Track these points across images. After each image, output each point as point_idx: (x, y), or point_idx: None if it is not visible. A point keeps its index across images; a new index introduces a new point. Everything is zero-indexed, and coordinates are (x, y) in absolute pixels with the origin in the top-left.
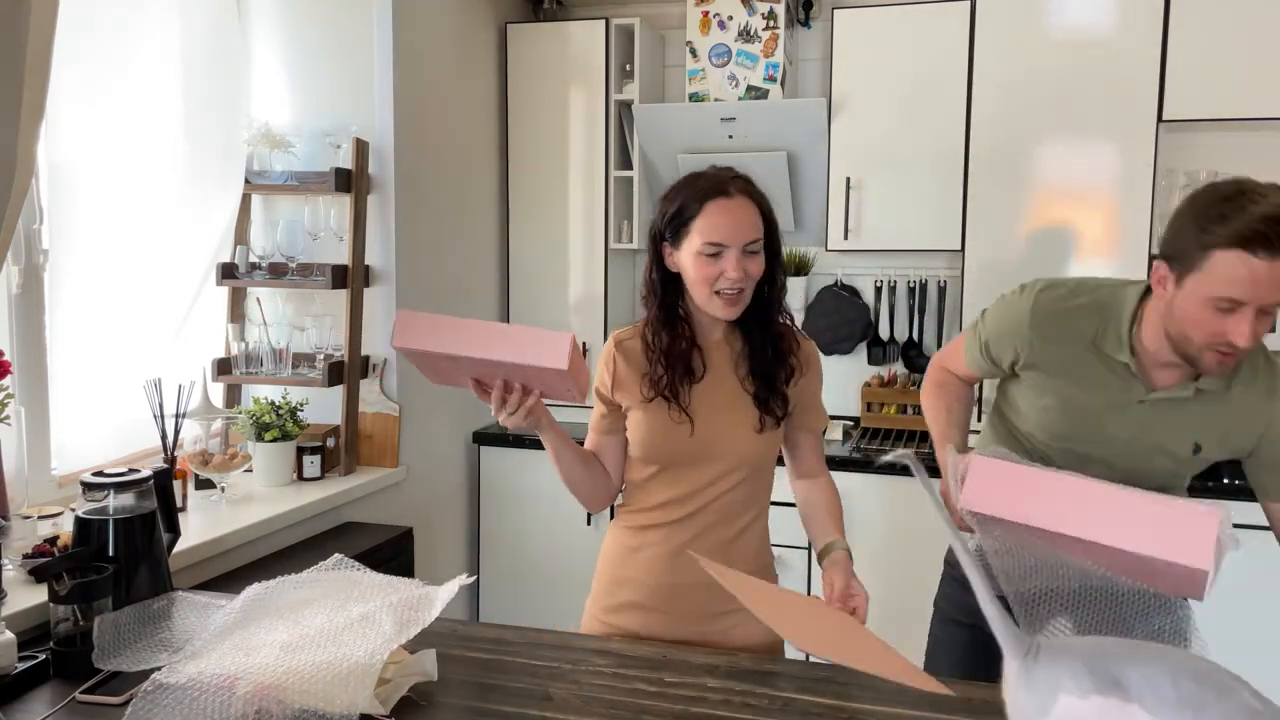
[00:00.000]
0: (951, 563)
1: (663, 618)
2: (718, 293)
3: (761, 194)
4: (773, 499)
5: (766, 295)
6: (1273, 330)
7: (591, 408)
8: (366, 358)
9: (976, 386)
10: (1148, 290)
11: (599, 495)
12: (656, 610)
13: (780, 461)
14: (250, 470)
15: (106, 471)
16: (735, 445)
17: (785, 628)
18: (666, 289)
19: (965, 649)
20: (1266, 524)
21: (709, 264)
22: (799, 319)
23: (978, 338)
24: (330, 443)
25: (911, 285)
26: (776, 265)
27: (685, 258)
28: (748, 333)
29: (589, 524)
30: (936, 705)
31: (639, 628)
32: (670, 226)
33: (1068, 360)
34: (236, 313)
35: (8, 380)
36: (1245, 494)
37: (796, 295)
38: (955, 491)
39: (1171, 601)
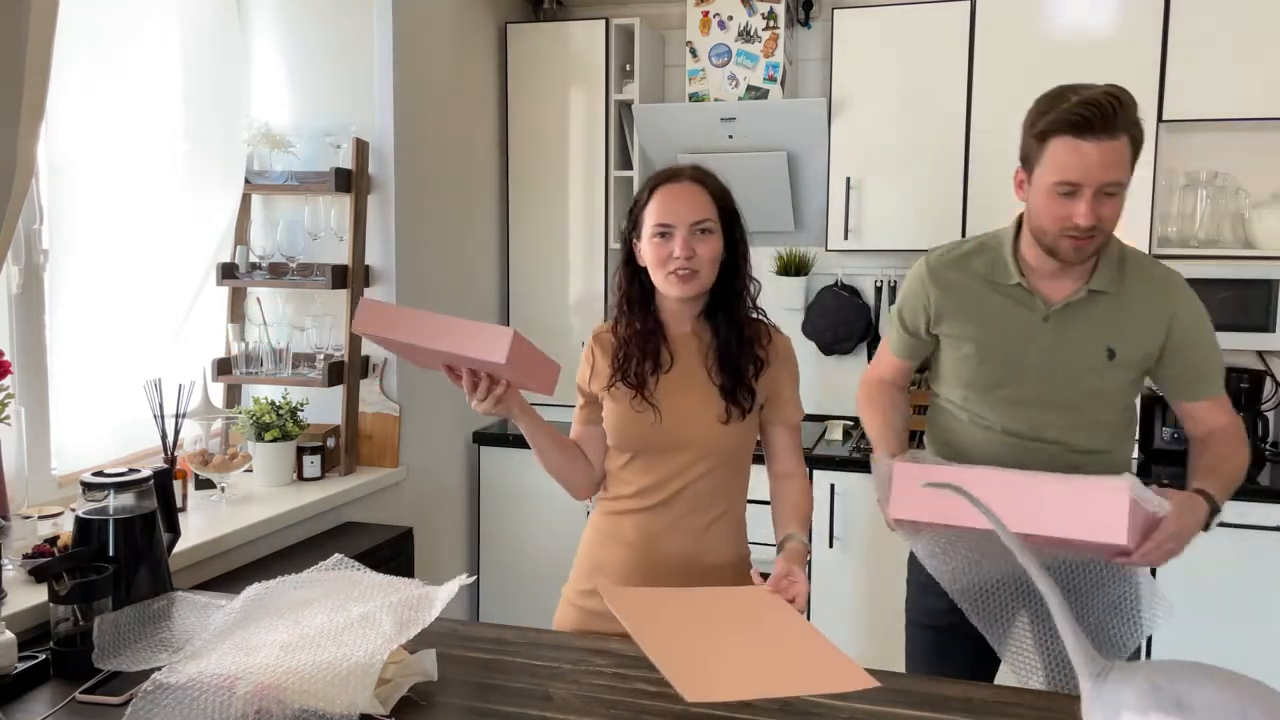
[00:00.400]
0: (912, 568)
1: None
2: (671, 272)
3: (718, 184)
4: (757, 498)
5: (731, 287)
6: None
7: (571, 404)
8: (366, 358)
9: (910, 392)
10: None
11: (580, 483)
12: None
13: (760, 459)
14: (250, 470)
15: (106, 471)
16: (701, 435)
17: (682, 677)
18: (634, 281)
19: (933, 651)
20: (1268, 525)
21: (660, 245)
22: (799, 319)
23: (894, 318)
24: (330, 443)
25: None
26: (739, 256)
27: (644, 246)
28: (715, 325)
29: None
30: (936, 705)
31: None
32: (630, 218)
33: (969, 302)
34: (236, 313)
35: (8, 380)
36: (1245, 494)
37: (796, 295)
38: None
39: (1125, 570)
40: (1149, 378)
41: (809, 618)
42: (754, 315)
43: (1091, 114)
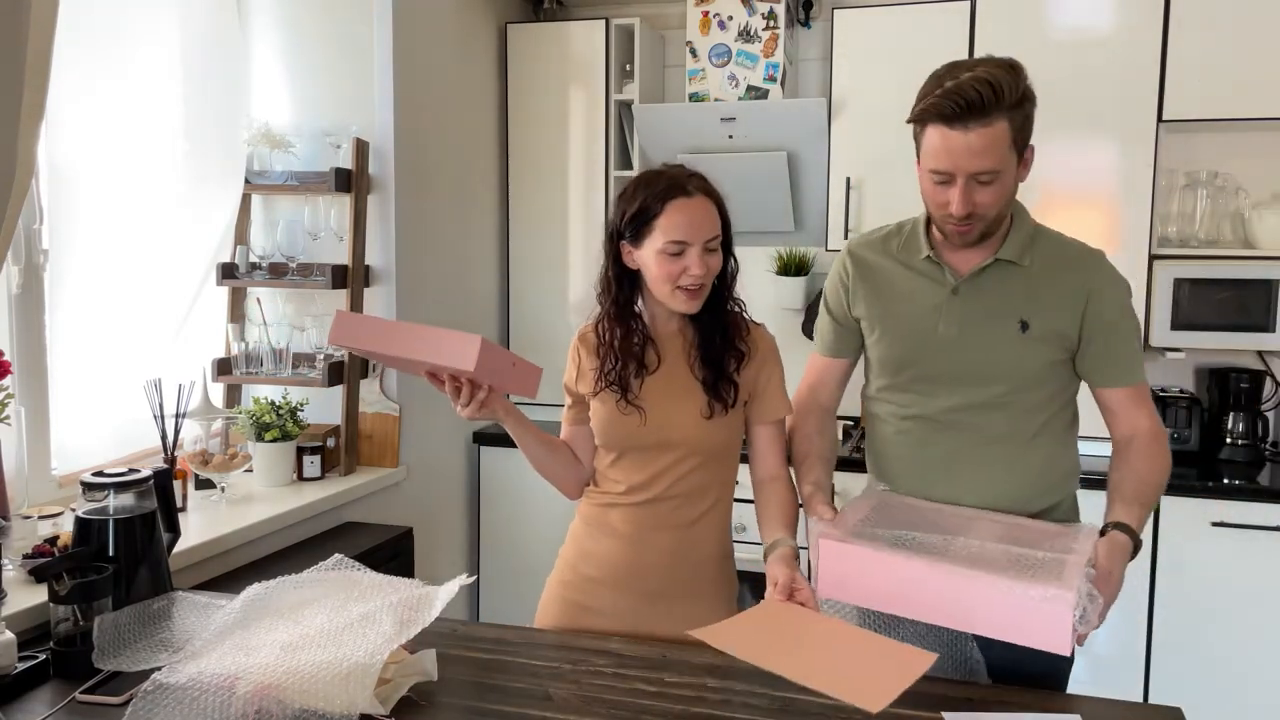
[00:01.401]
0: None
1: (622, 595)
2: (680, 287)
3: (717, 191)
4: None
5: (719, 286)
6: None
7: (561, 404)
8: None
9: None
10: None
11: (569, 482)
12: (617, 587)
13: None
14: (250, 470)
15: (106, 471)
16: (686, 433)
17: (851, 693)
18: (622, 285)
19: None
20: (1268, 525)
21: (672, 261)
22: (799, 319)
23: (821, 309)
24: (330, 443)
25: None
26: (729, 257)
27: (647, 255)
28: (699, 322)
29: None
30: (936, 705)
31: (598, 603)
32: (631, 225)
33: (881, 282)
34: (236, 313)
35: (8, 380)
36: (1245, 494)
37: (796, 295)
38: (812, 553)
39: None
40: (1077, 369)
41: None
42: (734, 309)
43: (958, 103)
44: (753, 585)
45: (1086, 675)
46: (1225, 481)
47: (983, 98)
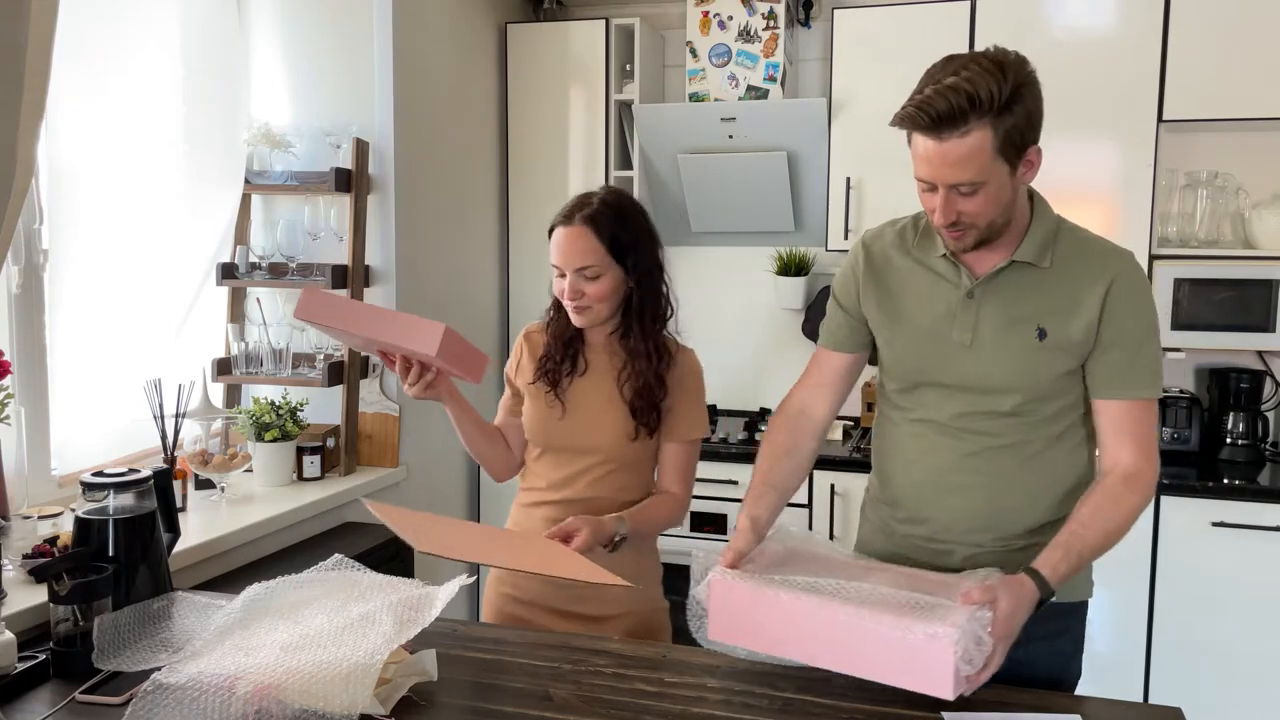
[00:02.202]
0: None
1: (546, 584)
2: (570, 303)
3: (612, 221)
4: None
5: (640, 311)
6: None
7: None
8: (366, 358)
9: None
10: None
11: (499, 466)
12: (541, 579)
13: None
14: (250, 470)
15: (106, 471)
16: (603, 442)
17: (414, 536)
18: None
19: None
20: (1268, 525)
21: (558, 282)
22: (799, 319)
23: (830, 299)
24: (330, 443)
25: None
26: (646, 283)
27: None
28: (627, 344)
29: None
30: (933, 705)
31: (526, 594)
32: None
33: (894, 279)
34: (236, 313)
35: (8, 380)
36: (1245, 494)
37: (797, 295)
38: (698, 589)
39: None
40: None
41: None
42: (657, 337)
43: (930, 114)
44: None
45: (1086, 675)
46: (1225, 481)
47: (954, 108)
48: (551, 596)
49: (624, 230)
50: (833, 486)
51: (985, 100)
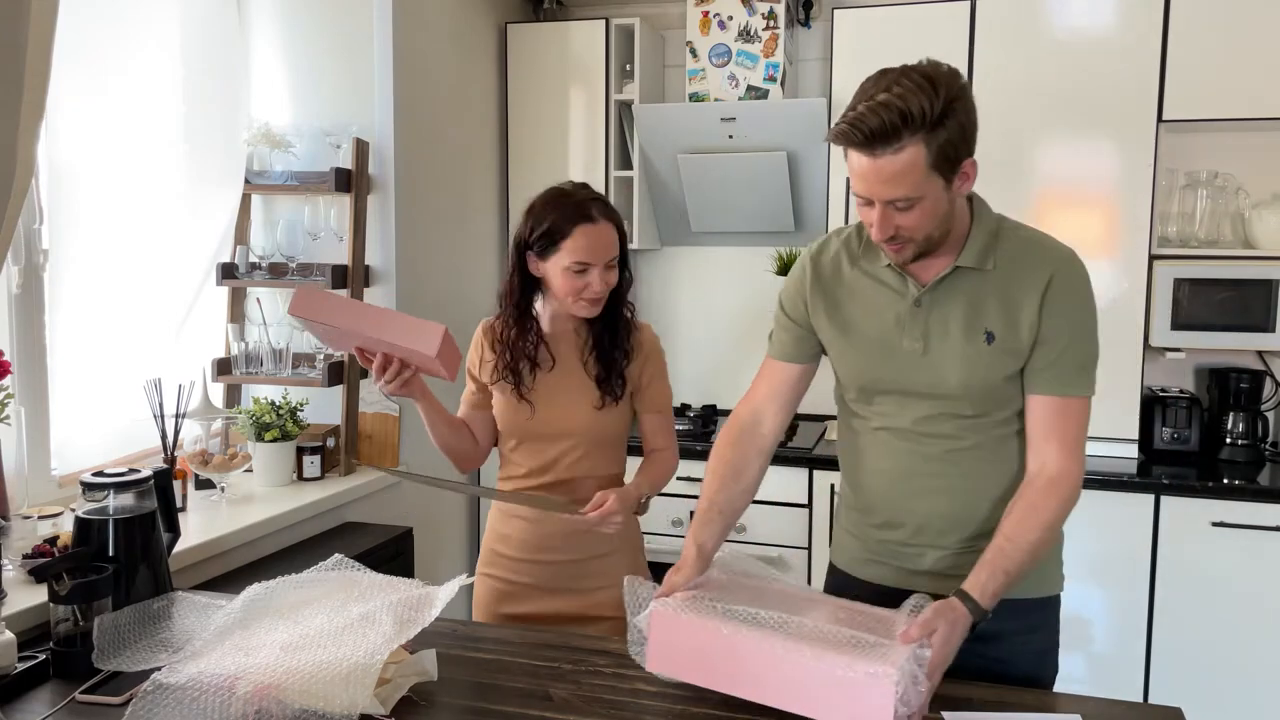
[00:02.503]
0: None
1: (534, 567)
2: (583, 299)
3: (616, 212)
4: (759, 499)
5: (615, 295)
6: None
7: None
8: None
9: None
10: None
11: (466, 459)
12: (528, 560)
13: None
14: (250, 470)
15: (106, 471)
16: (575, 424)
17: None
18: (525, 291)
19: None
20: (1268, 525)
21: (576, 278)
22: None
23: (777, 308)
24: (330, 443)
25: None
26: (625, 270)
27: (553, 270)
28: (593, 324)
29: None
30: (935, 705)
31: (515, 577)
32: (540, 242)
33: (843, 294)
34: (236, 313)
35: (8, 380)
36: (1245, 494)
37: None
38: (638, 618)
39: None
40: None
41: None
42: (626, 314)
43: (863, 130)
44: None
45: (1086, 675)
46: (1225, 481)
47: (886, 125)
48: (543, 579)
49: (621, 219)
50: (833, 486)
51: (917, 116)
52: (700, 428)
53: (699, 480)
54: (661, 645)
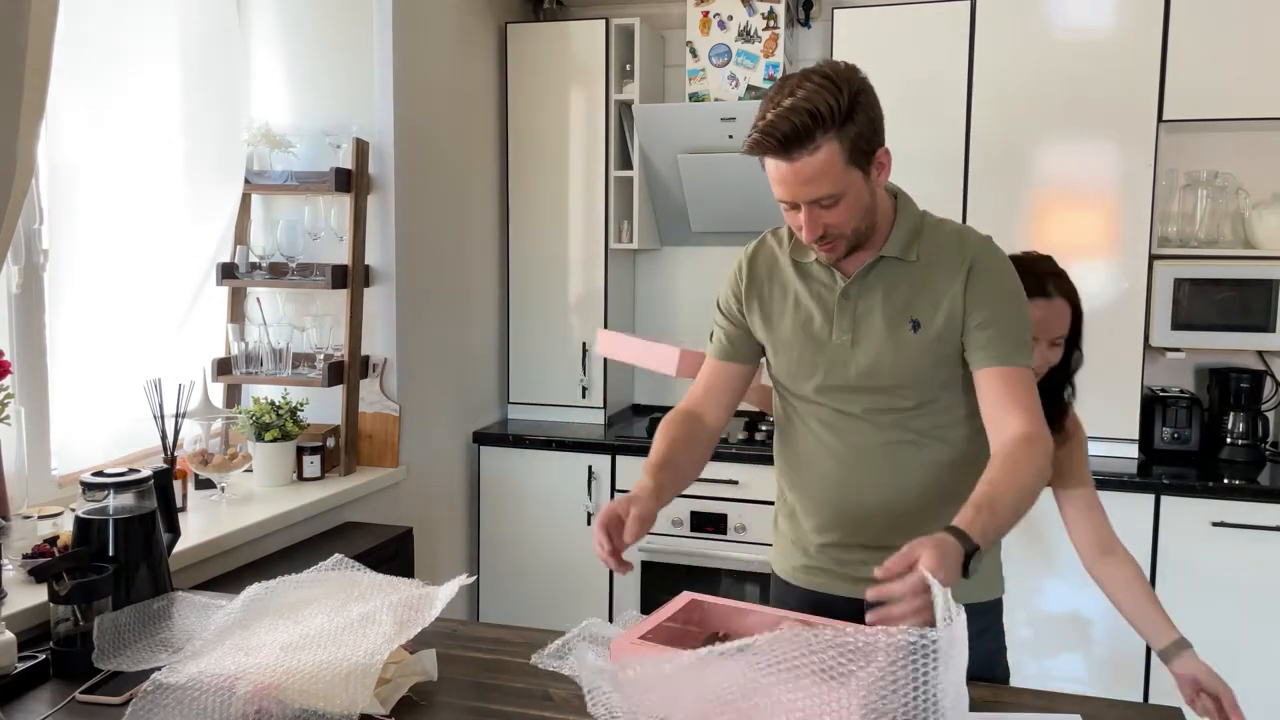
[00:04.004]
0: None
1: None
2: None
3: (1075, 291)
4: (760, 499)
5: (1058, 375)
6: None
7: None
8: (366, 358)
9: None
10: None
11: None
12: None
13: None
14: (250, 470)
15: (106, 471)
16: None
17: None
18: None
19: None
20: (1268, 525)
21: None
22: None
23: (716, 310)
24: (330, 443)
25: None
26: (1074, 350)
27: None
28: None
29: (589, 524)
30: None
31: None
32: None
33: (776, 290)
34: (236, 313)
35: (8, 380)
36: (1245, 494)
37: None
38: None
39: None
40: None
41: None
42: (1067, 399)
43: (776, 136)
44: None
45: (1086, 675)
46: (1225, 481)
47: (799, 129)
48: None
49: (1079, 301)
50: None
51: (827, 114)
52: None
53: (710, 481)
54: (630, 682)
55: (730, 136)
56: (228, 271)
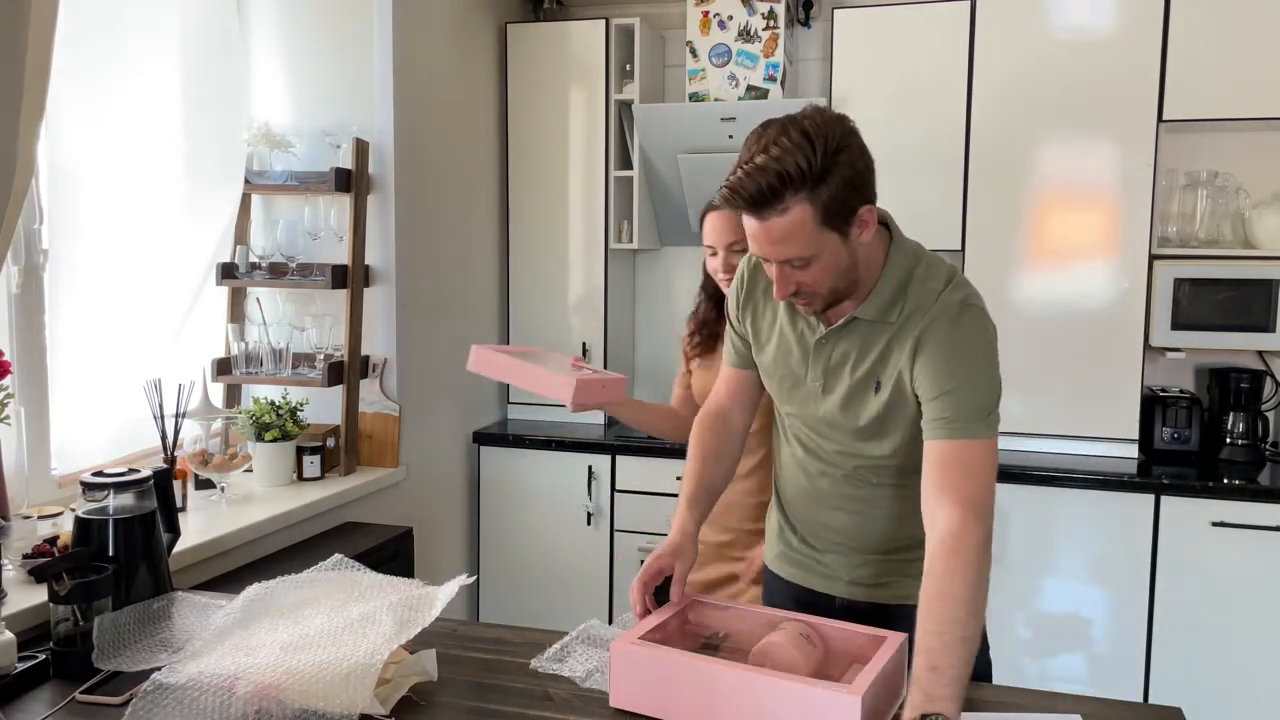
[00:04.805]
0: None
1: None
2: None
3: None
4: None
5: None
6: None
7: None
8: (366, 358)
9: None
10: None
11: None
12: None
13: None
14: (250, 470)
15: (106, 471)
16: None
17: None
18: None
19: None
20: (1268, 525)
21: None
22: None
23: (727, 317)
24: (330, 443)
25: None
26: None
27: None
28: None
29: (589, 524)
30: None
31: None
32: None
33: (768, 311)
34: (236, 313)
35: (8, 380)
36: (1245, 494)
37: None
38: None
39: None
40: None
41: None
42: None
43: (743, 196)
44: None
45: (1087, 675)
46: (1225, 481)
47: (764, 189)
48: None
49: None
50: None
51: (796, 176)
52: None
53: None
54: (623, 680)
55: (730, 136)
56: (228, 271)
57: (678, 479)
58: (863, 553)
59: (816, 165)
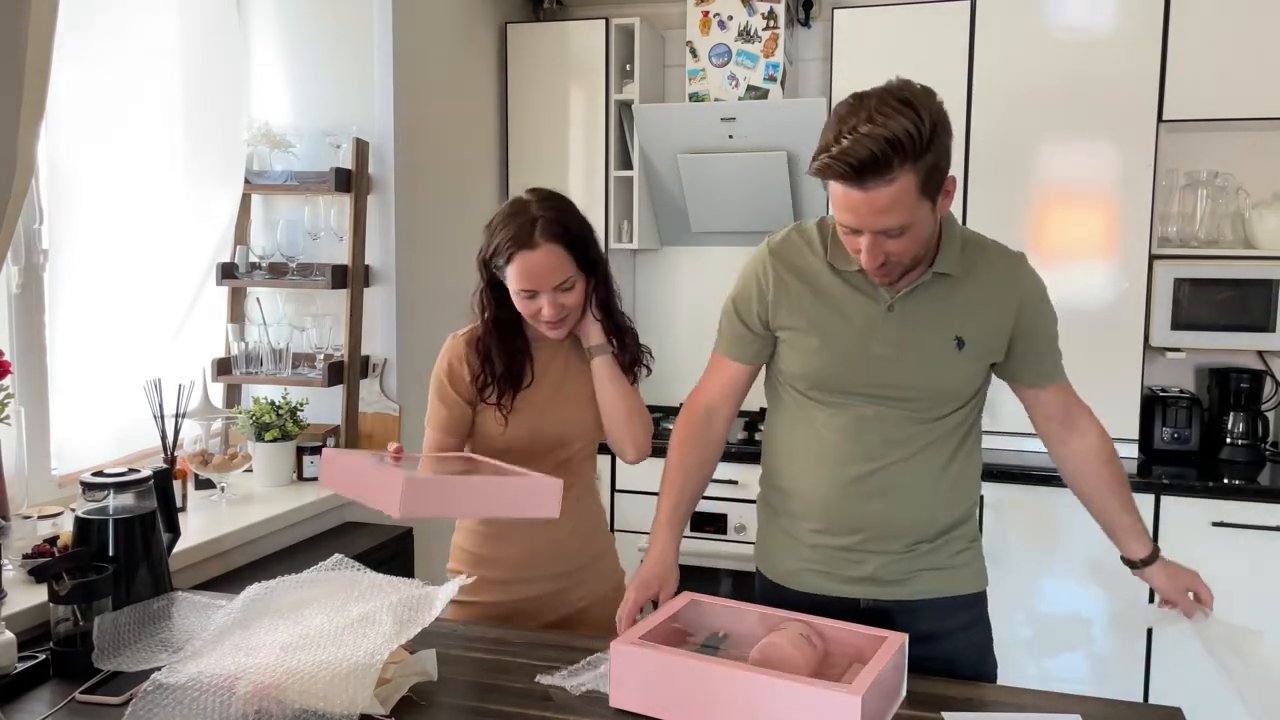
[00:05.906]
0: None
1: (520, 585)
2: (542, 322)
3: (568, 226)
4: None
5: (598, 301)
6: None
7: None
8: (366, 357)
9: (733, 424)
10: None
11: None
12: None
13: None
14: (250, 470)
15: (106, 471)
16: (574, 428)
17: None
18: (500, 304)
19: None
20: (1268, 525)
21: (527, 302)
22: None
23: (727, 309)
24: (330, 442)
25: None
26: (598, 275)
27: (511, 290)
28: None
29: None
30: (935, 705)
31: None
32: (494, 260)
33: (809, 288)
34: (236, 313)
35: (8, 380)
36: (1245, 494)
37: None
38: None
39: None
40: (995, 373)
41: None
42: (626, 327)
43: (851, 163)
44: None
45: (1087, 675)
46: (1225, 481)
47: (878, 157)
48: (527, 589)
49: (578, 231)
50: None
51: (907, 144)
52: None
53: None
54: (623, 684)
55: (730, 136)
56: (228, 271)
57: None
58: (898, 546)
59: (926, 133)
